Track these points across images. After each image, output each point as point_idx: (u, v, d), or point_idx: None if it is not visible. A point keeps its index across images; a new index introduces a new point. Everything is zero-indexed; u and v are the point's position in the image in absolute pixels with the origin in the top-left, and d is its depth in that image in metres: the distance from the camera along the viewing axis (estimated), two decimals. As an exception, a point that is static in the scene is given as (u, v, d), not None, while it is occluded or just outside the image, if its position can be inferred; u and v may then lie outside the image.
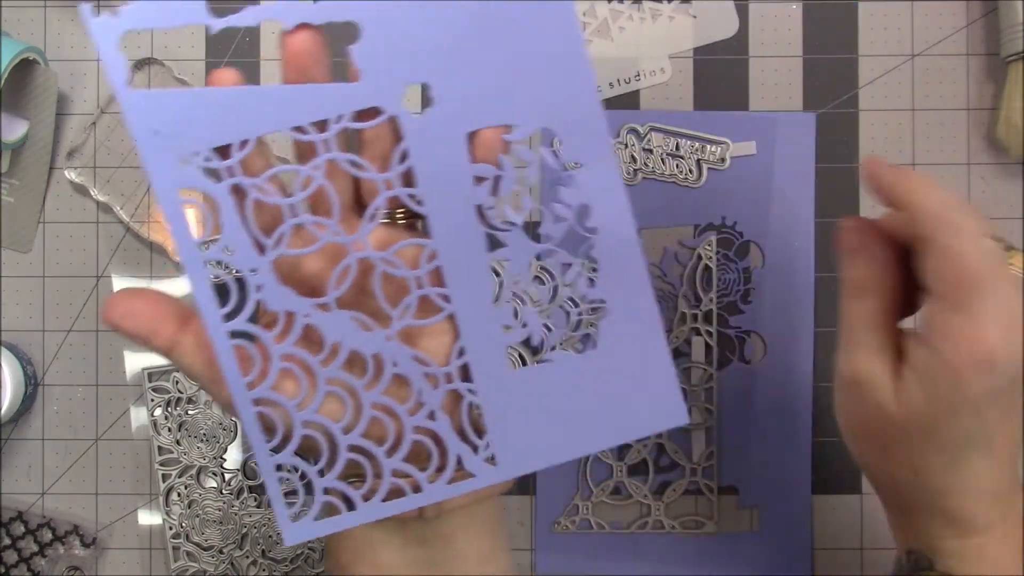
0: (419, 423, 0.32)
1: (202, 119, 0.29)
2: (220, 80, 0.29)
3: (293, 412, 0.31)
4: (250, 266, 0.31)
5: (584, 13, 0.52)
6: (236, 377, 0.31)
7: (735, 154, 0.51)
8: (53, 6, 0.52)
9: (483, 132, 0.31)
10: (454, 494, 0.33)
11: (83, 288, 0.52)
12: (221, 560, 0.52)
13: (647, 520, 0.51)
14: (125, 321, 0.31)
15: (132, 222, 0.52)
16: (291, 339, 0.31)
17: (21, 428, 0.52)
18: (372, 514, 0.32)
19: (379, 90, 0.30)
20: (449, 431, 0.33)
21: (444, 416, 0.32)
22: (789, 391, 0.42)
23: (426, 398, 0.32)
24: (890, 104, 0.52)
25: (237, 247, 0.31)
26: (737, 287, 0.52)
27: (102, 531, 0.52)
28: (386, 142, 0.31)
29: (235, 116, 0.29)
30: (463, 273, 0.32)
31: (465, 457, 0.33)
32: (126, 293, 0.31)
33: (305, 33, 0.29)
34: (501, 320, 0.32)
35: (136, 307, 0.31)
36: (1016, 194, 0.52)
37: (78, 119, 0.52)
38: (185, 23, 0.29)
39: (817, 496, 0.52)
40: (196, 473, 0.52)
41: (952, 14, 0.52)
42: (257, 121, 0.29)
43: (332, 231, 0.31)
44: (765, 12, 0.52)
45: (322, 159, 0.30)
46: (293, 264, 0.32)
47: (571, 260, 0.33)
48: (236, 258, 0.31)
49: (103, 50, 0.28)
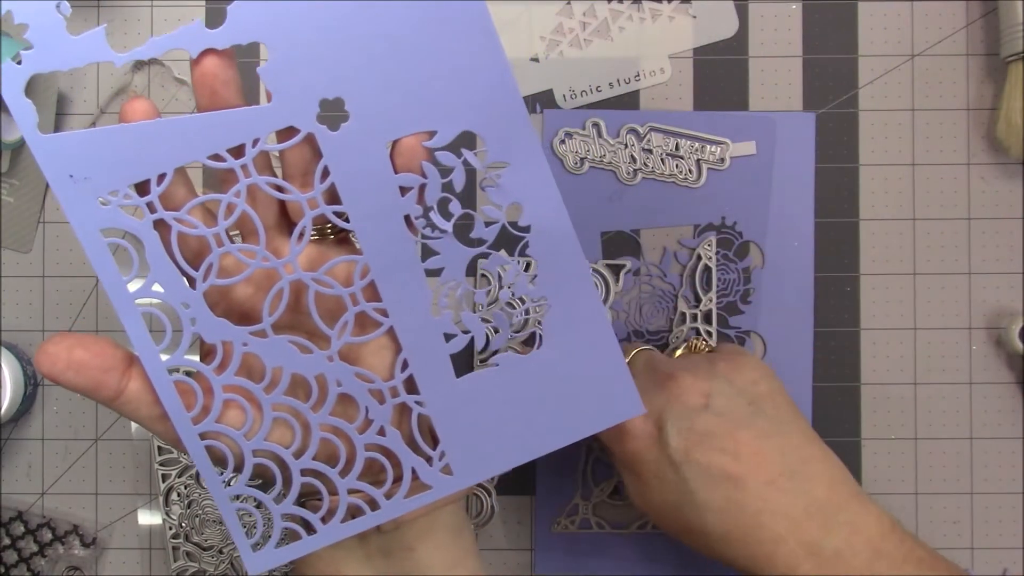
0: (370, 440, 0.32)
1: (116, 157, 0.29)
2: (132, 111, 0.29)
3: (242, 442, 0.31)
4: (182, 300, 0.30)
5: (584, 13, 0.52)
6: (180, 412, 0.31)
7: (735, 154, 0.51)
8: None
9: (403, 140, 0.30)
10: (412, 508, 0.33)
11: (83, 288, 0.52)
12: (221, 560, 0.52)
13: (647, 520, 0.51)
14: (67, 374, 0.30)
15: (132, 222, 0.52)
16: (231, 369, 0.31)
17: (21, 428, 0.53)
18: (332, 536, 0.32)
19: (292, 109, 0.29)
20: (401, 445, 0.32)
21: (394, 431, 0.32)
22: (789, 391, 0.42)
23: (374, 414, 0.32)
24: (890, 104, 0.52)
25: (166, 283, 0.30)
26: (737, 287, 0.52)
27: (102, 531, 0.52)
28: (306, 160, 0.30)
29: (149, 150, 0.29)
30: (398, 285, 0.31)
31: (420, 469, 0.33)
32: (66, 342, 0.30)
33: (213, 56, 0.29)
34: (441, 328, 0.32)
35: (79, 358, 0.30)
36: (1016, 194, 0.52)
37: (78, 119, 0.52)
38: (89, 61, 0.28)
39: (817, 496, 0.52)
40: (196, 473, 0.52)
41: (952, 14, 0.52)
42: (172, 153, 0.29)
43: (261, 257, 0.31)
44: (765, 12, 0.52)
45: (242, 184, 0.30)
46: (225, 293, 0.32)
47: (507, 261, 0.33)
48: (167, 294, 0.30)
49: (9, 97, 0.28)
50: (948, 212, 0.52)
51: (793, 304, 0.52)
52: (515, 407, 0.33)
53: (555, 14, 0.52)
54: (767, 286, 0.52)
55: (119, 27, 0.52)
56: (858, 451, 0.52)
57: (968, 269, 0.52)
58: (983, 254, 0.52)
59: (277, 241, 0.32)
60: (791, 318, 0.52)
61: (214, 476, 0.31)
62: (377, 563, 0.34)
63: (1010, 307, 0.52)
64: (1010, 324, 0.50)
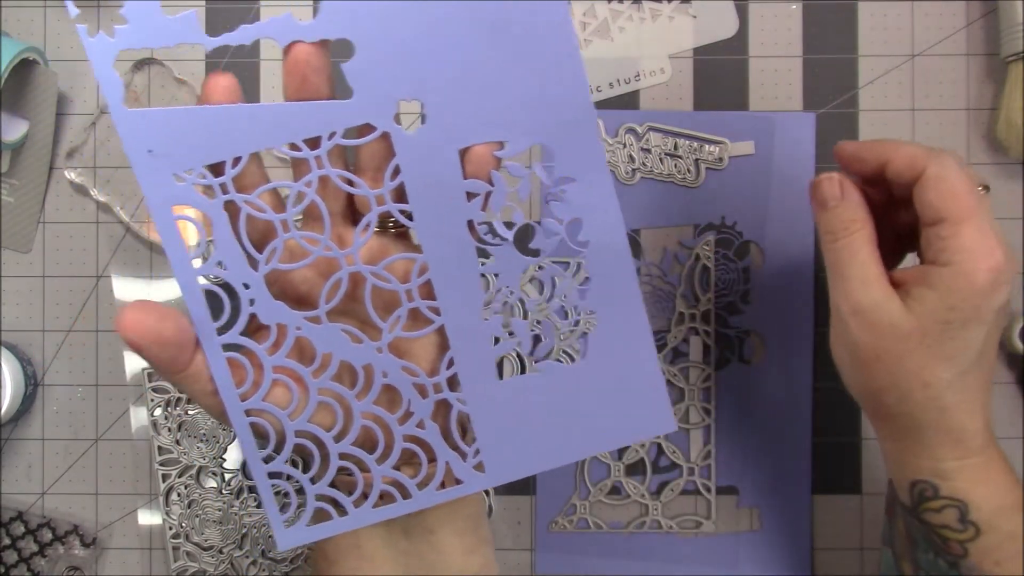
0: (409, 431, 0.33)
1: (195, 137, 0.29)
2: (216, 86, 0.30)
3: (285, 421, 0.32)
4: (243, 280, 0.31)
5: (584, 13, 0.52)
6: (229, 388, 0.31)
7: (733, 154, 0.51)
8: (53, 6, 0.53)
9: (475, 148, 0.31)
10: (442, 500, 0.33)
11: (83, 288, 0.52)
12: (221, 560, 0.52)
13: (645, 520, 0.51)
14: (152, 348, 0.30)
15: (132, 222, 0.52)
16: (283, 351, 0.32)
17: (21, 428, 0.53)
18: (363, 520, 0.33)
19: (372, 107, 0.30)
20: (438, 439, 0.33)
21: (433, 424, 0.33)
22: (788, 391, 0.42)
23: (415, 407, 0.33)
24: (890, 104, 0.52)
25: (230, 262, 0.31)
26: (736, 287, 0.52)
27: (102, 531, 0.52)
28: (379, 157, 0.31)
29: (228, 133, 0.30)
30: (453, 286, 0.32)
31: (454, 464, 0.33)
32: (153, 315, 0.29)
33: (305, 44, 0.29)
34: (490, 331, 0.33)
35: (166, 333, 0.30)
36: (1016, 194, 0.52)
37: (78, 119, 0.52)
38: (180, 42, 0.29)
39: (817, 496, 0.52)
40: (196, 473, 0.52)
41: (952, 14, 0.52)
42: (250, 138, 0.30)
43: (324, 246, 0.31)
44: (765, 12, 0.52)
45: (314, 175, 0.31)
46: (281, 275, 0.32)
47: (561, 273, 0.34)
48: (229, 273, 0.31)
49: (98, 69, 0.28)
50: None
51: (792, 304, 0.52)
52: (552, 413, 0.33)
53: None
54: (767, 286, 0.52)
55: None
56: (858, 451, 0.52)
57: (968, 269, 0.52)
58: (983, 254, 0.52)
59: (339, 228, 0.33)
60: (790, 318, 0.52)
61: (255, 452, 0.32)
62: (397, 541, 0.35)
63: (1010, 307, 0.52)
64: (1010, 324, 0.50)
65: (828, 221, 0.39)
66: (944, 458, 0.37)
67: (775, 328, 0.52)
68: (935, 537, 0.38)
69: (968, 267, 0.35)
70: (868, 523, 0.52)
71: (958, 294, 0.36)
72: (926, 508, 0.38)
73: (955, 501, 0.37)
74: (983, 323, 0.36)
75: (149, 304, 0.29)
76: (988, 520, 0.37)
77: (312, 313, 0.32)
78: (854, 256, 0.38)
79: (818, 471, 0.52)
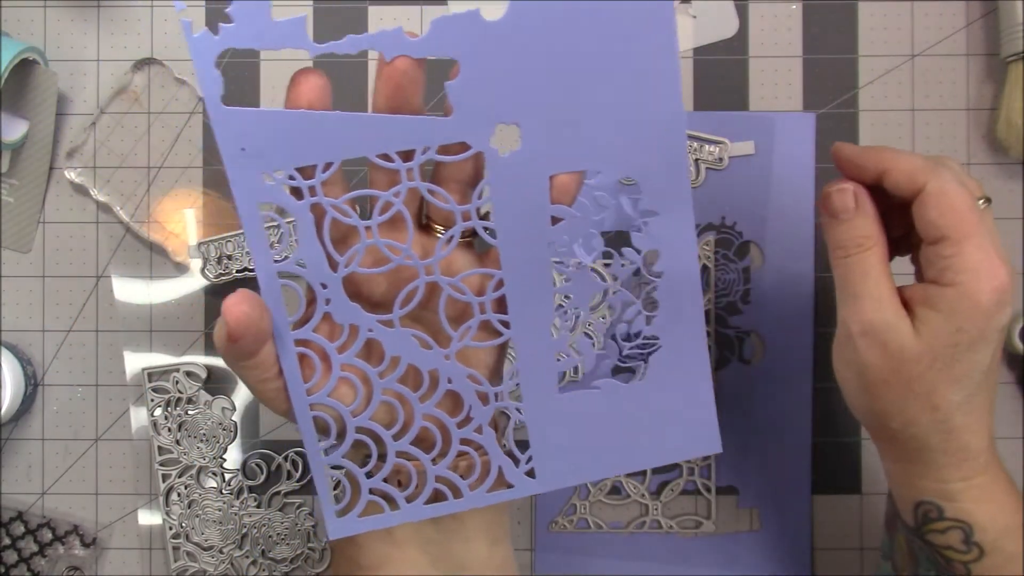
0: (466, 435, 0.34)
1: (289, 139, 0.30)
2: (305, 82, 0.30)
3: (347, 418, 0.33)
4: (321, 280, 0.32)
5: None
6: (297, 382, 0.32)
7: (733, 154, 0.51)
8: (53, 6, 0.53)
9: (563, 175, 0.31)
10: (492, 502, 0.34)
11: (83, 288, 0.52)
12: (221, 560, 0.52)
13: (645, 520, 0.52)
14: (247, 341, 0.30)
15: (132, 222, 0.52)
16: (353, 350, 0.33)
17: (21, 428, 0.53)
18: (414, 515, 0.34)
19: (470, 127, 0.30)
20: (494, 444, 0.34)
21: (490, 430, 0.34)
22: (789, 391, 0.42)
23: (475, 413, 0.34)
24: (890, 104, 0.52)
25: (310, 262, 0.31)
26: (736, 287, 0.52)
27: (102, 531, 0.52)
28: (467, 173, 0.32)
29: (322, 138, 0.30)
30: (526, 302, 0.33)
31: (506, 469, 0.34)
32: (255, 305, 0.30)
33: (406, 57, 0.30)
34: (556, 348, 0.34)
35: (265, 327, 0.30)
36: (1016, 194, 0.52)
37: (78, 119, 0.52)
38: (285, 46, 0.29)
39: (817, 496, 0.52)
40: (196, 473, 0.52)
41: (952, 14, 0.52)
42: (344, 145, 0.30)
43: (404, 255, 0.32)
44: (765, 12, 0.52)
45: (404, 187, 0.31)
46: (361, 280, 0.33)
47: (632, 300, 0.35)
48: (308, 272, 0.32)
49: (199, 66, 0.28)
50: (948, 212, 0.52)
51: (793, 304, 0.52)
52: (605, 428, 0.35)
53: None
54: (766, 286, 0.52)
55: (119, 27, 0.52)
56: (858, 451, 0.52)
57: (968, 269, 0.52)
58: (983, 254, 0.52)
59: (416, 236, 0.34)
60: (790, 318, 0.52)
61: (315, 444, 0.33)
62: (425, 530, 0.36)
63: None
64: (1010, 324, 0.50)
65: (840, 235, 0.38)
66: (950, 479, 0.37)
67: (775, 328, 0.52)
68: (939, 557, 0.38)
69: (972, 288, 0.35)
70: (868, 523, 0.52)
71: (963, 315, 0.35)
72: (930, 529, 0.37)
73: (960, 523, 0.37)
74: (989, 343, 0.36)
75: (252, 295, 0.30)
76: (992, 541, 0.37)
77: (386, 317, 0.33)
78: (867, 274, 0.37)
79: (818, 471, 0.52)
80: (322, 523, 0.52)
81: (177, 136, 0.52)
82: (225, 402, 0.52)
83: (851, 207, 0.37)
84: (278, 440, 0.52)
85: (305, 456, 0.52)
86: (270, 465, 0.52)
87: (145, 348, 0.52)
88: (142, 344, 0.52)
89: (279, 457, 0.52)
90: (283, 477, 0.52)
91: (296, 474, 0.52)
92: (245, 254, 0.51)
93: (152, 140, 0.52)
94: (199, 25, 0.52)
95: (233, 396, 0.52)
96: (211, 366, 0.52)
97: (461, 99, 0.30)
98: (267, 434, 0.52)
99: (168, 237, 0.52)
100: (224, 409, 0.52)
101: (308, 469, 0.52)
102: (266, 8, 0.28)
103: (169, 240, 0.52)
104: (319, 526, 0.52)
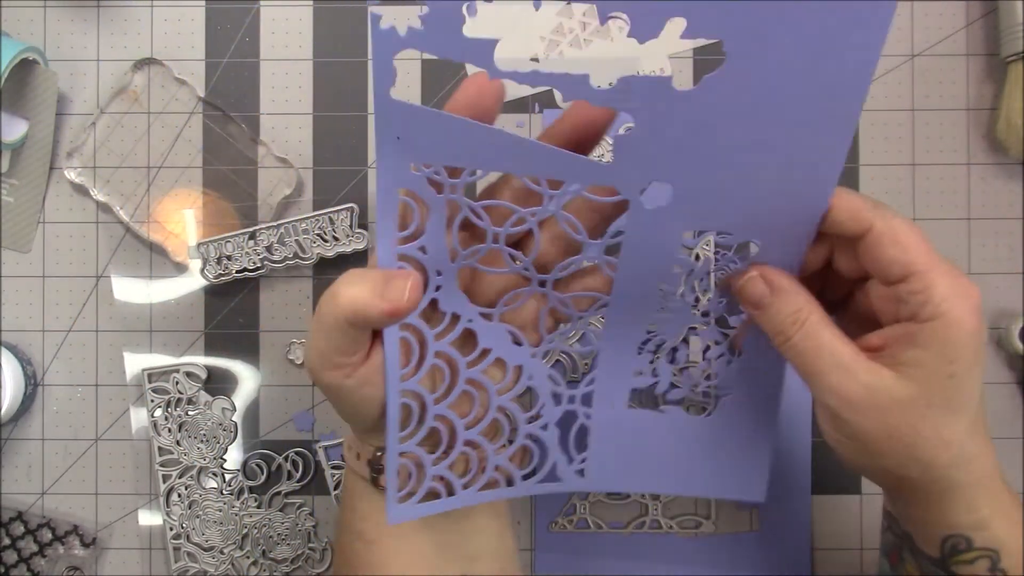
0: (533, 431, 0.36)
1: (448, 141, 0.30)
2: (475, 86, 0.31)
3: (429, 405, 0.34)
4: (438, 267, 0.33)
5: (584, 13, 0.52)
6: (395, 367, 0.33)
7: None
8: (53, 6, 0.52)
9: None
10: (541, 492, 0.36)
11: (83, 288, 0.52)
12: (222, 560, 0.52)
13: (645, 520, 0.52)
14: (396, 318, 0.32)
15: (132, 222, 0.52)
16: (450, 338, 0.34)
17: (21, 428, 0.53)
18: (468, 500, 0.35)
19: (626, 177, 0.31)
20: (555, 442, 0.36)
21: (555, 428, 0.36)
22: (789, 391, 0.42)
23: (545, 411, 0.36)
24: (890, 104, 0.52)
25: (432, 249, 0.32)
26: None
27: (102, 531, 0.52)
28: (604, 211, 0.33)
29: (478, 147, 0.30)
30: (622, 323, 0.35)
31: (560, 466, 0.36)
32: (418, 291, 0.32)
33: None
34: (636, 366, 0.36)
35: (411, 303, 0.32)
36: (1016, 194, 0.52)
37: (78, 119, 0.52)
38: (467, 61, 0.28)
39: (817, 496, 0.52)
40: (196, 473, 0.52)
41: (952, 14, 0.52)
42: (497, 158, 0.31)
43: (523, 266, 0.34)
44: (765, 12, 0.52)
45: (546, 212, 0.32)
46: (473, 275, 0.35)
47: (718, 338, 0.37)
48: (428, 258, 0.32)
49: (378, 58, 0.28)
50: (948, 212, 0.52)
51: (793, 304, 0.52)
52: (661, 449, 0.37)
53: (555, 14, 0.52)
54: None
55: (119, 27, 0.52)
56: (858, 451, 0.52)
57: (968, 269, 0.52)
58: (983, 254, 0.52)
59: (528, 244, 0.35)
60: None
61: (396, 429, 0.33)
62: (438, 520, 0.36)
63: (1010, 307, 0.52)
64: (1010, 324, 0.50)
65: (771, 321, 0.35)
66: (980, 508, 0.36)
67: (775, 328, 0.52)
68: None
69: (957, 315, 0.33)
70: (868, 523, 0.52)
71: (955, 345, 0.33)
72: (958, 561, 0.36)
73: (988, 551, 0.36)
74: (981, 362, 0.35)
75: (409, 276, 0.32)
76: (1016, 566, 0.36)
77: (487, 311, 0.34)
78: (820, 347, 0.35)
79: (818, 471, 0.52)
80: (322, 523, 0.52)
81: (177, 136, 0.52)
82: (225, 403, 0.52)
83: (765, 291, 0.36)
84: (278, 440, 0.52)
85: (305, 456, 0.52)
86: (270, 465, 0.52)
87: (145, 348, 0.52)
88: (142, 344, 0.52)
89: (279, 457, 0.52)
90: (283, 477, 0.52)
91: (296, 474, 0.52)
92: (244, 254, 0.51)
93: (152, 140, 0.52)
94: (199, 26, 0.52)
95: (233, 396, 0.52)
96: (211, 366, 0.52)
97: (625, 151, 0.31)
98: (267, 434, 0.52)
99: (168, 237, 0.52)
100: (224, 410, 0.52)
101: (308, 469, 0.52)
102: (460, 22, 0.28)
103: (169, 240, 0.52)
104: (319, 526, 0.52)
